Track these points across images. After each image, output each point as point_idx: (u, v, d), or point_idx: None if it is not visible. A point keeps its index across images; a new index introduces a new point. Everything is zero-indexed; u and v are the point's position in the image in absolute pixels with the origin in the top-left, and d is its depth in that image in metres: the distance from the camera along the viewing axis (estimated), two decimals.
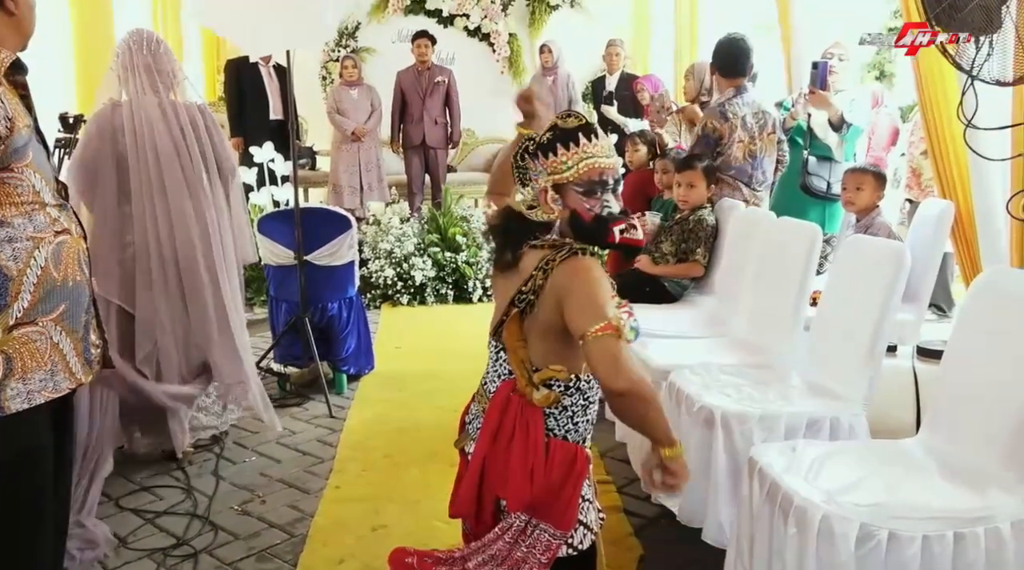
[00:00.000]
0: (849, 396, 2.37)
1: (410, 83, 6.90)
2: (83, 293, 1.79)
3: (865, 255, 2.52)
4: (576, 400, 1.79)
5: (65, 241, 1.73)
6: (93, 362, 1.85)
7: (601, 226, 1.70)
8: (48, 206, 1.69)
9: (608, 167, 1.71)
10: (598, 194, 1.70)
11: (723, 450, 2.31)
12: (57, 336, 1.72)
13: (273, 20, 3.51)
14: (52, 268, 1.69)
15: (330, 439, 3.50)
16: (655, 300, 3.67)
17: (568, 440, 1.78)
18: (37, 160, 1.66)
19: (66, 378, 1.76)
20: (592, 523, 1.84)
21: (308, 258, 3.94)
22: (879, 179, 3.42)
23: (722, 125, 3.75)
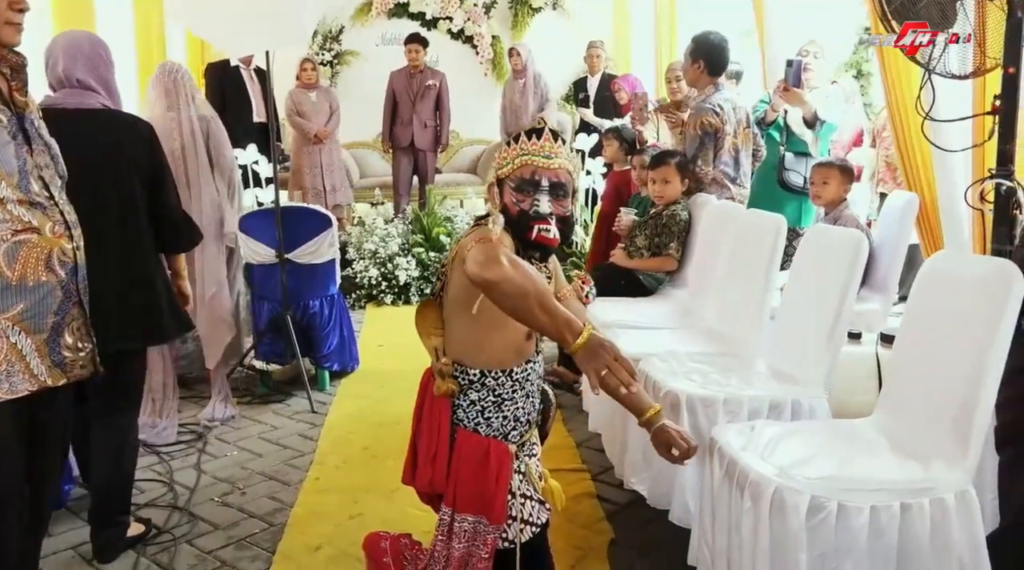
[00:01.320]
0: (810, 380, 2.44)
1: (402, 86, 6.99)
2: (51, 294, 1.74)
3: (827, 244, 2.60)
4: (484, 396, 1.84)
5: (28, 240, 1.69)
6: (68, 364, 1.79)
7: (522, 221, 1.79)
8: (8, 202, 1.65)
9: (542, 167, 1.79)
10: (530, 192, 1.79)
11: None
12: (15, 336, 1.68)
13: (251, 21, 3.56)
14: (4, 266, 1.66)
15: (311, 434, 3.55)
16: (630, 293, 3.74)
17: (479, 433, 1.84)
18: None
19: (25, 379, 1.70)
20: (532, 517, 1.87)
21: (289, 256, 4.00)
22: (845, 173, 3.51)
23: (717, 120, 3.80)
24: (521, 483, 1.88)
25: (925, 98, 2.71)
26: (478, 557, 1.85)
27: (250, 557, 2.55)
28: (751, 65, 5.74)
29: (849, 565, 1.77)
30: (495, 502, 1.82)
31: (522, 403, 1.90)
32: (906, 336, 2.12)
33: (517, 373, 1.87)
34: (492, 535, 1.84)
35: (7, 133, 1.68)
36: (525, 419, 1.92)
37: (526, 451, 1.93)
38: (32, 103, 1.81)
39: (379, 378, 4.28)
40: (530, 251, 1.83)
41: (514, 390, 1.87)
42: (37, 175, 1.73)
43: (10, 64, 1.75)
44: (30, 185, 1.71)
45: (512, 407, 1.88)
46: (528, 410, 1.93)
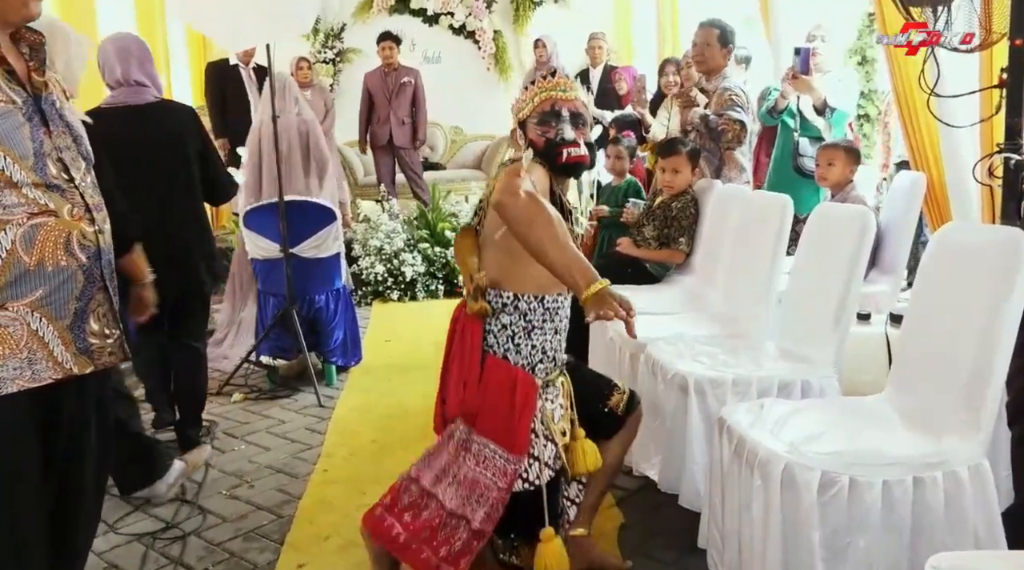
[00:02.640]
0: (819, 359, 2.42)
1: (377, 84, 7.01)
2: (71, 279, 1.69)
3: (832, 222, 2.58)
4: (515, 320, 1.93)
5: (44, 223, 1.64)
6: (94, 352, 1.74)
7: (551, 149, 1.94)
8: (23, 186, 1.60)
9: (561, 98, 1.95)
10: (552, 123, 1.95)
11: (698, 415, 2.36)
12: (36, 323, 1.64)
13: (250, 15, 3.55)
14: (21, 251, 1.61)
15: (319, 427, 3.54)
16: (636, 281, 3.71)
17: (508, 360, 1.93)
18: (6, 137, 1.58)
19: (49, 367, 1.65)
20: (549, 459, 1.93)
21: (294, 251, 3.99)
22: (850, 154, 3.47)
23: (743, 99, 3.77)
24: (540, 424, 1.94)
25: (930, 74, 2.68)
26: (494, 487, 1.90)
27: (259, 548, 2.54)
28: (757, 54, 5.71)
29: (862, 541, 1.75)
30: (518, 433, 1.89)
31: (550, 336, 1.97)
32: (916, 309, 2.10)
33: (549, 302, 1.95)
34: (513, 467, 1.89)
35: (22, 115, 1.63)
36: (552, 355, 1.98)
37: (549, 394, 1.99)
38: (52, 83, 1.76)
39: (386, 372, 4.27)
40: (564, 176, 2.00)
41: (544, 319, 1.95)
42: (56, 158, 1.68)
43: (29, 43, 1.71)
44: (47, 167, 1.66)
45: (541, 337, 1.95)
46: (555, 346, 1.99)
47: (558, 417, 2.02)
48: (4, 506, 1.69)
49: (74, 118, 1.80)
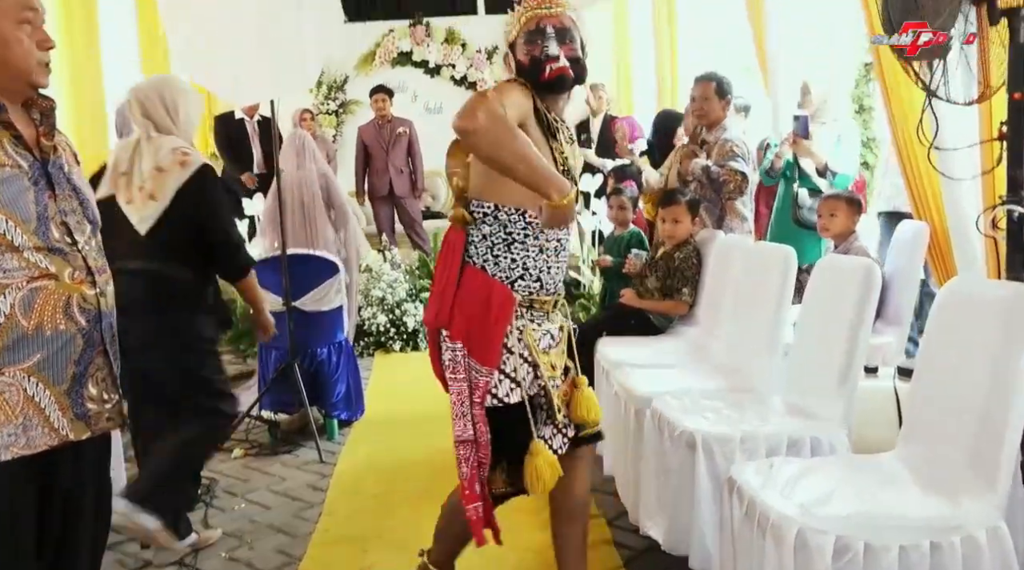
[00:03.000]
0: (828, 415, 2.38)
1: (372, 136, 7.11)
2: (70, 343, 1.68)
3: (837, 275, 2.56)
4: (495, 231, 1.95)
5: (44, 287, 1.64)
6: (92, 417, 1.72)
7: (535, 65, 1.96)
8: (25, 249, 1.60)
9: (545, 15, 1.96)
10: (538, 41, 1.96)
11: (706, 473, 2.31)
12: (32, 388, 1.62)
13: (254, 70, 3.60)
14: (20, 315, 1.61)
15: (320, 484, 3.49)
16: (640, 332, 3.69)
17: (486, 271, 1.94)
18: (9, 201, 1.59)
19: (45, 434, 1.63)
20: (522, 380, 1.95)
21: (296, 304, 3.98)
22: (852, 204, 3.48)
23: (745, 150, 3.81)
24: (518, 343, 1.94)
25: (930, 125, 2.69)
26: (474, 403, 1.93)
27: None
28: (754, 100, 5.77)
29: None
30: (491, 344, 1.91)
31: (533, 254, 1.97)
32: (925, 366, 2.07)
33: (531, 216, 1.94)
34: (484, 379, 1.91)
35: (27, 179, 1.64)
36: (536, 274, 1.97)
37: (536, 320, 1.99)
38: (62, 147, 1.77)
39: (389, 426, 4.22)
40: (550, 93, 1.99)
41: (526, 234, 1.95)
42: (60, 221, 1.68)
43: (40, 109, 1.73)
44: (49, 231, 1.66)
45: (522, 252, 1.96)
46: (539, 265, 1.98)
47: (545, 344, 2.00)
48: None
49: (82, 182, 1.81)
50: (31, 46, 1.66)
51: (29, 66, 1.67)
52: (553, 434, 2.04)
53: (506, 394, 1.94)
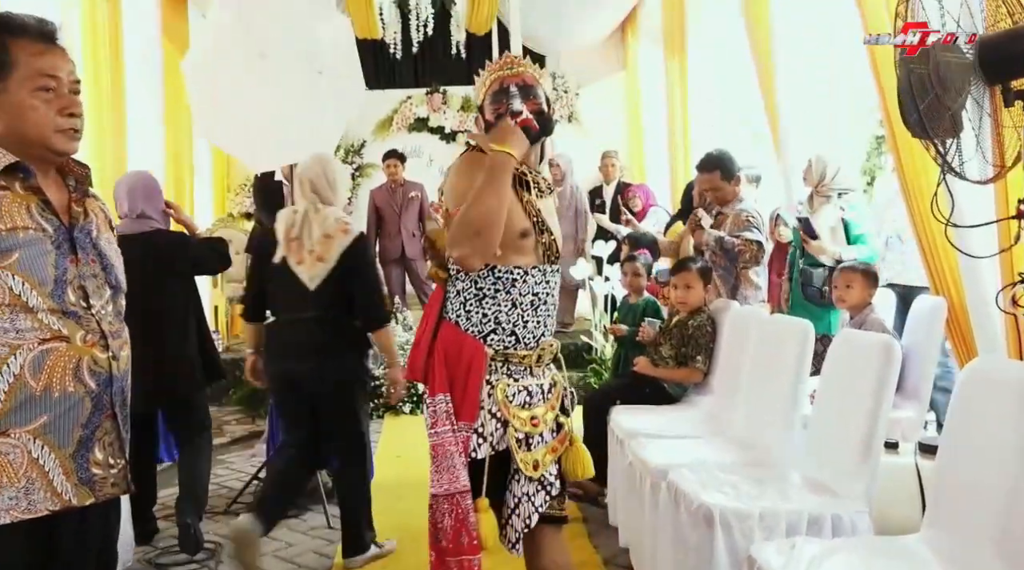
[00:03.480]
0: (849, 493, 2.34)
1: (384, 200, 7.19)
2: (78, 406, 1.66)
3: (856, 350, 2.54)
4: (467, 286, 2.01)
5: (55, 348, 1.63)
6: (96, 483, 1.69)
7: (501, 121, 2.01)
8: (39, 311, 1.61)
9: (508, 76, 2.06)
10: (503, 100, 2.04)
11: (724, 550, 2.26)
12: (37, 450, 1.60)
13: (274, 136, 3.67)
14: (28, 376, 1.60)
15: (327, 550, 3.42)
16: (655, 401, 3.66)
17: (460, 327, 2.00)
18: (27, 263, 1.61)
19: (47, 498, 1.60)
20: (490, 435, 1.98)
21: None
22: (868, 276, 3.48)
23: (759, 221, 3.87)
24: (488, 398, 1.97)
25: (945, 201, 2.69)
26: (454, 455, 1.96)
27: None
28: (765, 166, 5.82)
29: None
30: (465, 398, 1.95)
31: (505, 308, 1.99)
32: (949, 447, 2.04)
33: (501, 272, 1.98)
34: (464, 434, 1.95)
35: (50, 242, 1.66)
36: (510, 328, 2.00)
37: (514, 375, 2.01)
38: (94, 212, 1.79)
39: (397, 490, 4.15)
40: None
41: (496, 289, 1.99)
42: (78, 285, 1.69)
43: (76, 176, 1.76)
44: (65, 294, 1.66)
45: (493, 306, 1.99)
46: (514, 320, 2.00)
47: (521, 400, 2.01)
48: None
49: (110, 248, 1.82)
50: (48, 113, 1.66)
51: (46, 133, 1.67)
52: (536, 490, 2.03)
53: (474, 449, 1.97)
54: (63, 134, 1.70)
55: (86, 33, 5.26)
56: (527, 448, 2.01)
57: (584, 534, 3.49)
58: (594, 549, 3.33)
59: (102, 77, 5.37)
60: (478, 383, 1.96)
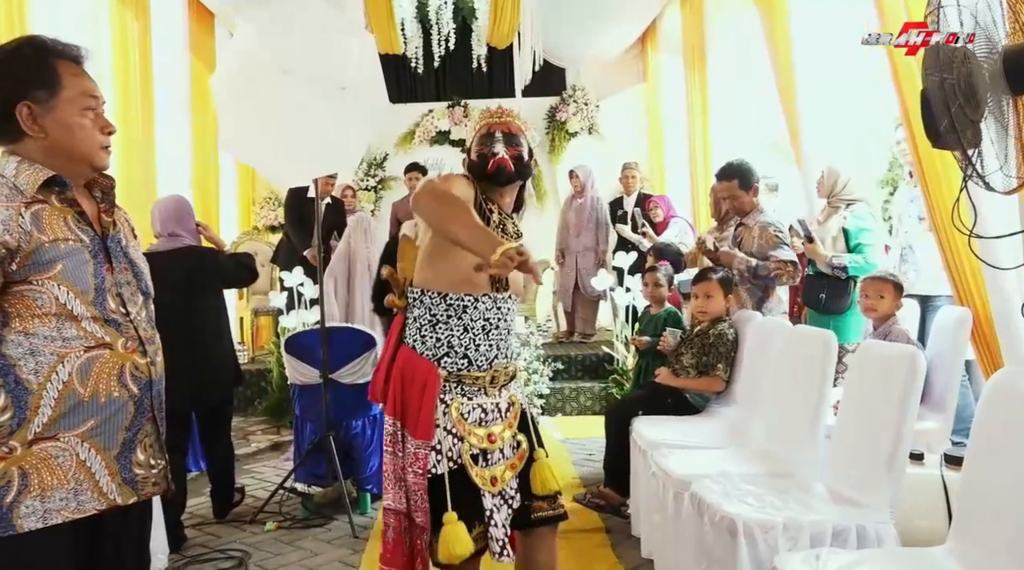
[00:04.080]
0: (874, 504, 2.31)
1: (406, 212, 7.18)
2: (123, 410, 1.72)
3: (879, 360, 2.52)
4: (421, 313, 2.16)
5: (100, 356, 1.69)
6: (139, 482, 1.75)
7: (482, 161, 2.23)
8: (83, 319, 1.67)
9: (495, 123, 2.27)
10: (487, 143, 2.24)
11: (748, 561, 2.24)
12: (84, 453, 1.66)
13: (298, 152, 3.70)
14: (77, 383, 1.66)
15: (352, 560, 3.43)
16: (677, 411, 3.65)
17: (416, 351, 2.15)
18: (71, 273, 1.66)
19: (94, 498, 1.66)
20: (448, 451, 2.09)
21: (333, 376, 4.00)
22: (899, 289, 3.44)
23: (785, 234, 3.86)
24: (443, 416, 2.10)
25: (968, 212, 2.67)
26: (416, 475, 2.09)
27: None
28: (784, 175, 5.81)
29: None
30: (420, 417, 2.08)
31: (458, 333, 2.14)
32: (975, 457, 2.01)
33: (452, 299, 2.14)
34: (424, 452, 2.08)
35: (88, 252, 1.71)
36: (462, 351, 2.14)
37: (467, 395, 2.15)
38: (120, 222, 1.85)
39: None
40: (493, 184, 2.22)
41: (449, 315, 2.14)
42: (115, 293, 1.75)
43: (101, 187, 1.82)
44: (106, 302, 1.72)
45: (446, 332, 2.14)
46: (466, 343, 2.14)
47: (475, 418, 2.14)
48: None
49: (138, 255, 1.88)
50: (94, 131, 1.76)
51: (92, 150, 1.76)
52: (499, 505, 2.13)
53: (433, 465, 2.08)
54: (104, 151, 1.80)
55: (116, 50, 5.37)
56: (485, 464, 2.13)
57: (607, 544, 3.47)
58: (617, 559, 3.31)
59: (132, 93, 5.48)
60: (432, 403, 2.08)
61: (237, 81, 3.82)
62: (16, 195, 1.65)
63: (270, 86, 3.68)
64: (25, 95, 1.69)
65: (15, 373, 1.62)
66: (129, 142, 5.38)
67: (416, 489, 2.09)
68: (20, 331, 1.63)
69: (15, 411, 1.61)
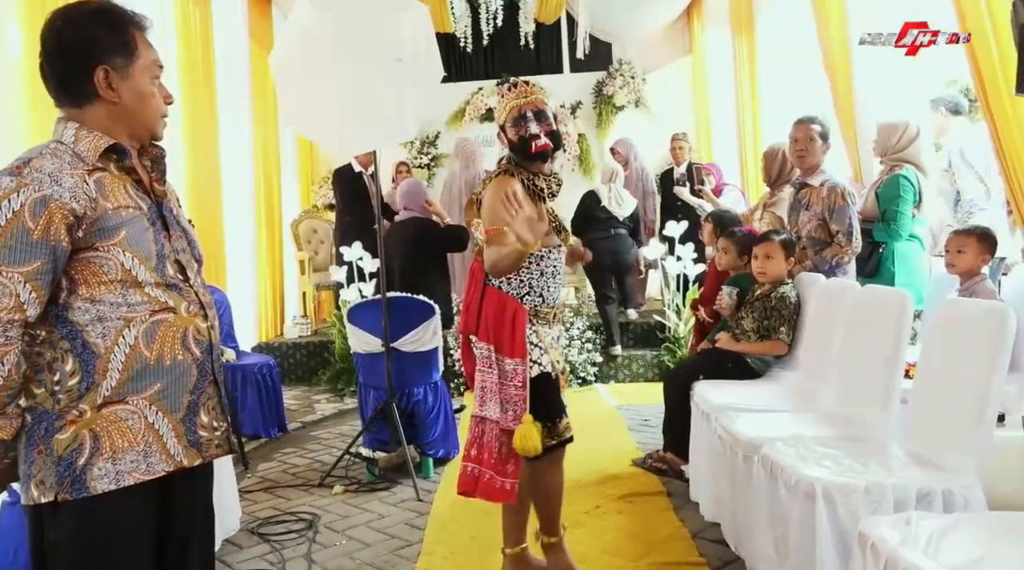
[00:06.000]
0: (959, 467, 2.13)
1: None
2: (187, 373, 1.68)
3: (964, 319, 2.32)
4: None
5: (165, 320, 1.64)
6: (203, 444, 1.71)
7: (523, 144, 2.44)
8: (147, 285, 1.62)
9: (524, 104, 2.45)
10: (521, 124, 2.44)
11: (828, 525, 2.08)
12: (152, 415, 1.62)
13: (356, 123, 3.59)
14: (143, 346, 1.61)
15: (418, 522, 3.36)
16: (738, 376, 3.47)
17: (503, 290, 2.47)
18: (134, 240, 1.60)
19: (162, 459, 1.63)
20: (544, 364, 2.48)
21: (394, 345, 3.92)
22: (984, 241, 3.14)
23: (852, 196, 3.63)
24: (532, 335, 2.47)
25: None
26: (515, 388, 2.43)
27: None
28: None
29: None
30: (513, 342, 2.43)
31: (536, 276, 2.49)
32: None
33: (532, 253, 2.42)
34: (522, 368, 2.43)
35: (147, 220, 1.66)
36: (539, 292, 2.50)
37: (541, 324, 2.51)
38: (171, 192, 1.80)
39: None
40: (538, 161, 2.48)
41: (529, 262, 2.45)
42: (174, 259, 1.70)
43: (151, 156, 1.75)
44: (166, 268, 1.67)
45: (527, 275, 2.47)
46: (542, 285, 2.50)
47: (550, 341, 2.54)
48: None
49: (187, 224, 1.82)
50: (159, 101, 1.71)
51: (155, 118, 1.72)
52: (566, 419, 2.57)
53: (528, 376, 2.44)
54: (163, 120, 1.75)
55: (181, 34, 5.31)
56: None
57: (669, 507, 3.34)
58: (680, 522, 3.17)
59: (196, 75, 5.42)
60: (523, 330, 2.43)
61: (297, 56, 3.72)
62: (78, 162, 1.58)
63: (329, 60, 3.58)
64: (103, 59, 1.61)
65: (83, 338, 1.57)
66: (195, 122, 5.33)
67: (517, 399, 2.42)
68: (87, 297, 1.57)
69: (83, 375, 1.56)
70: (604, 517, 3.28)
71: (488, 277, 2.47)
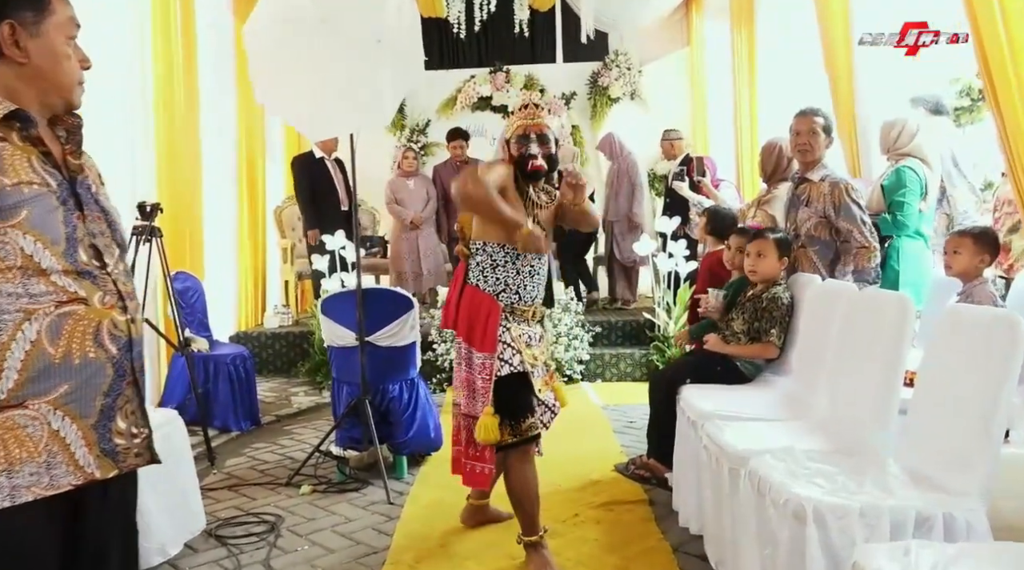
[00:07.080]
0: (962, 488, 1.95)
1: (449, 177, 6.90)
2: (100, 373, 1.47)
3: (968, 327, 2.13)
4: (483, 258, 2.66)
5: (74, 312, 1.43)
6: (120, 453, 1.50)
7: (523, 160, 2.66)
8: (52, 273, 1.41)
9: (531, 125, 2.68)
10: (524, 143, 2.66)
11: (819, 549, 1.90)
12: (57, 422, 1.41)
13: (331, 104, 3.40)
14: (47, 343, 1.40)
15: (386, 527, 3.18)
16: (727, 380, 3.28)
17: (479, 288, 2.64)
18: (38, 221, 1.40)
19: (69, 472, 1.42)
20: (511, 360, 2.60)
21: (370, 339, 3.72)
22: (981, 242, 2.96)
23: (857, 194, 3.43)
24: (505, 333, 2.61)
25: None
26: (484, 381, 2.61)
27: None
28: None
29: None
30: (484, 337, 2.59)
31: (512, 274, 2.65)
32: None
33: (509, 248, 2.63)
34: (489, 363, 2.59)
35: (56, 198, 1.44)
36: (515, 289, 2.66)
37: (517, 322, 2.66)
38: (88, 167, 1.58)
39: None
40: (531, 179, 2.68)
41: (505, 261, 2.64)
42: (88, 244, 1.48)
43: (66, 127, 1.55)
44: (78, 254, 1.46)
45: (504, 273, 2.64)
46: (518, 283, 2.66)
47: (526, 339, 2.66)
48: None
49: (109, 204, 1.60)
50: (75, 64, 1.53)
51: (72, 83, 1.54)
52: (544, 411, 2.74)
53: (497, 371, 2.58)
54: (80, 87, 1.55)
55: (158, 8, 5.06)
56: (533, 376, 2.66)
57: (651, 518, 3.16)
58: (662, 535, 3.00)
59: (176, 54, 5.18)
60: (495, 326, 2.58)
61: (272, 30, 3.51)
62: None
63: (306, 35, 3.37)
64: (9, 13, 1.42)
65: None
66: (172, 104, 5.09)
67: (484, 391, 2.59)
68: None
69: None
70: (582, 526, 3.11)
71: (467, 276, 2.66)
